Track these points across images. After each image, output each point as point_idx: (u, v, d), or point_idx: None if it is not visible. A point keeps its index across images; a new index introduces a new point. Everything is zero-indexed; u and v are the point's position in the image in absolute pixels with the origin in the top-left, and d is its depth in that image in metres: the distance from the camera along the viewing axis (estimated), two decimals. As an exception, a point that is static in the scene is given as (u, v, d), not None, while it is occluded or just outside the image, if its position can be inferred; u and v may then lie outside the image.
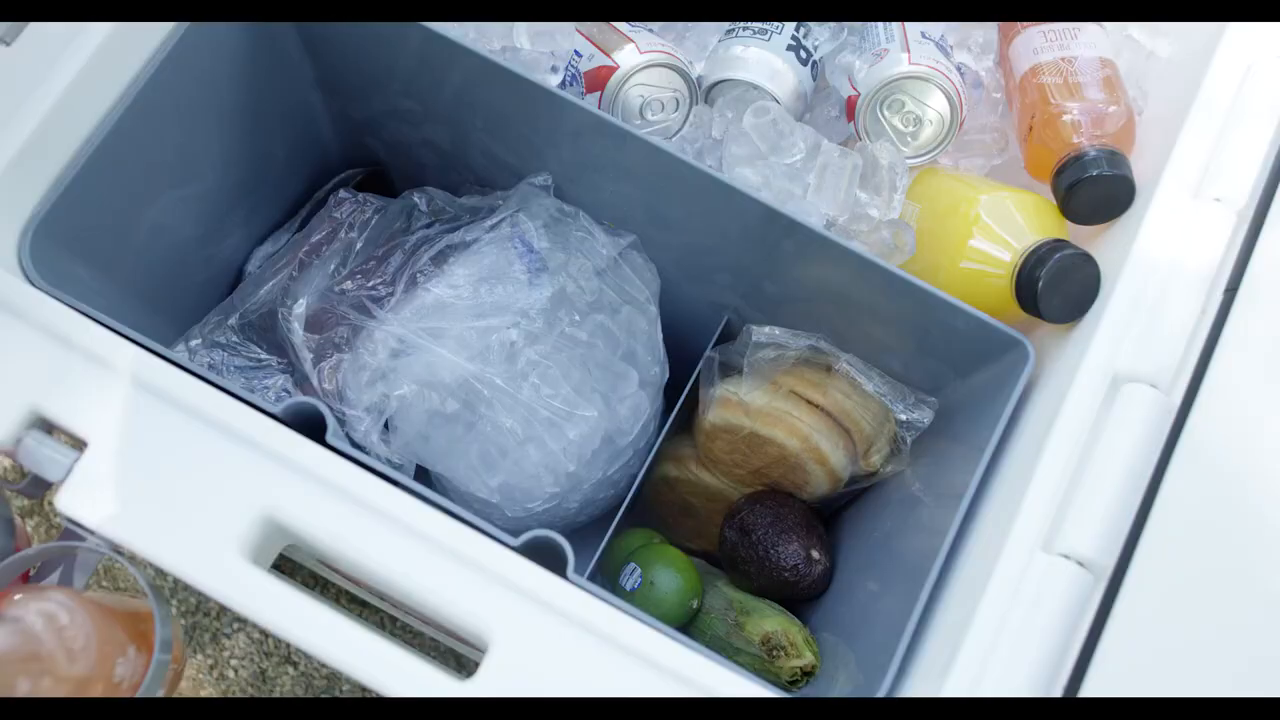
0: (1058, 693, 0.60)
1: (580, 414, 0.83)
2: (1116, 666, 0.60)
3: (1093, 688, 0.59)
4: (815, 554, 0.86)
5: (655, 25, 0.88)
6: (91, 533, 0.65)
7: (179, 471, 0.62)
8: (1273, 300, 0.68)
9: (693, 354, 0.91)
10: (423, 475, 0.87)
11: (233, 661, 1.21)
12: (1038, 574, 0.64)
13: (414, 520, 0.63)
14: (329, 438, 0.67)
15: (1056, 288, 0.73)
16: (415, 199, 0.89)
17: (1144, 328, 0.70)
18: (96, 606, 0.65)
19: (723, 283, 0.87)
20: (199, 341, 0.84)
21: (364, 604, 1.22)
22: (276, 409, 0.67)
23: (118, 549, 0.67)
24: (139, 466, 0.62)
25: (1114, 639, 0.60)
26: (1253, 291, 0.69)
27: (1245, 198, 0.73)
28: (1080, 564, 0.64)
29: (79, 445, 0.62)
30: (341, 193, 0.89)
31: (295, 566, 1.21)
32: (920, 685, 0.65)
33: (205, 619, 1.21)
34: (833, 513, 0.96)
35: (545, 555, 0.67)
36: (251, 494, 0.62)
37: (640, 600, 0.86)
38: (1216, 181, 0.74)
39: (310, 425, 0.67)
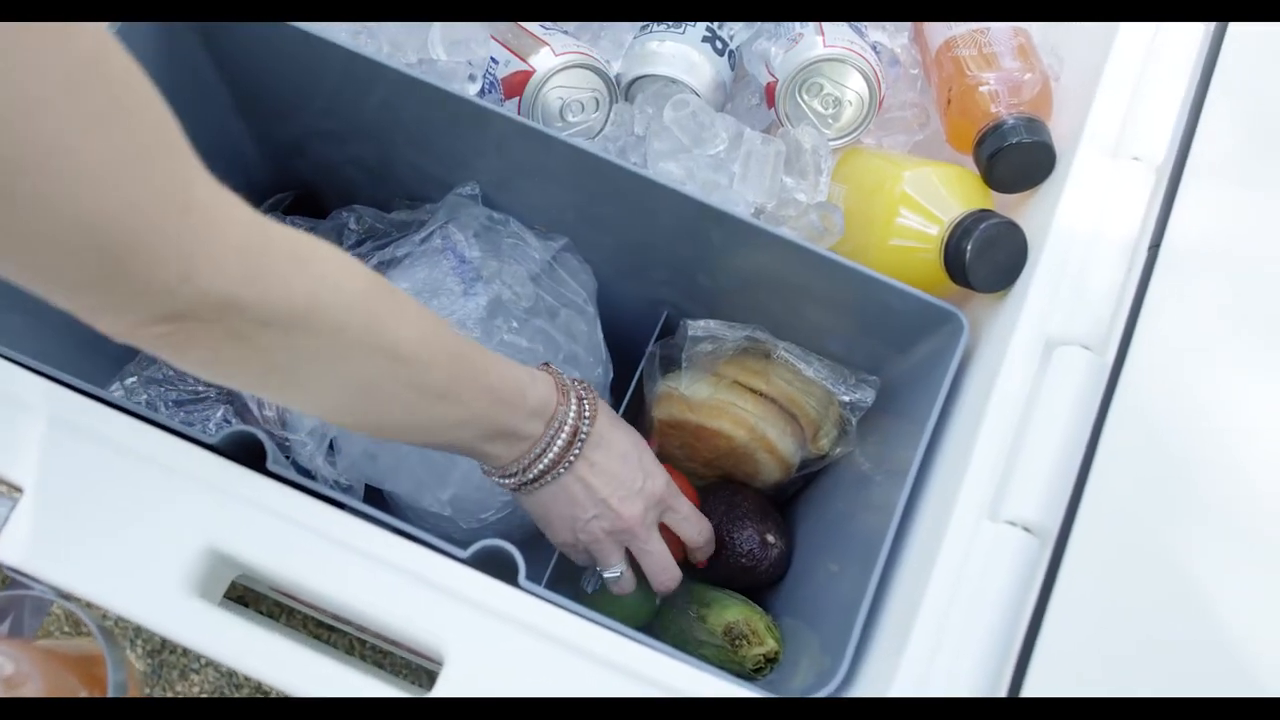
0: (1012, 662, 0.61)
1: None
2: (1066, 630, 0.60)
3: (1044, 654, 0.59)
4: (771, 538, 0.86)
5: (570, 26, 0.88)
6: (37, 580, 0.64)
7: (119, 511, 0.62)
8: (1194, 254, 0.69)
9: (635, 351, 0.91)
10: (374, 494, 0.87)
11: (202, 697, 1.19)
12: (985, 543, 0.64)
13: (360, 541, 0.63)
14: (270, 465, 0.67)
15: (984, 257, 0.74)
16: (345, 218, 0.88)
17: (1073, 290, 0.71)
18: (44, 654, 0.64)
19: (659, 278, 0.87)
20: (135, 379, 0.83)
21: (330, 628, 1.21)
22: (214, 440, 0.67)
23: (64, 594, 0.67)
24: (77, 509, 0.61)
25: (1062, 601, 0.61)
26: (1175, 247, 0.69)
27: (1162, 154, 0.74)
28: (1026, 529, 0.64)
29: (14, 492, 0.61)
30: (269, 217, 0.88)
31: (260, 596, 1.20)
32: (877, 664, 0.66)
33: (171, 655, 1.20)
34: (788, 498, 0.96)
35: (497, 565, 0.67)
36: (193, 527, 0.62)
37: (602, 602, 0.86)
38: (1134, 140, 0.75)
39: (250, 454, 0.67)
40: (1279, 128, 0.73)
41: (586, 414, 0.74)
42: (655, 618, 0.89)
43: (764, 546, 0.86)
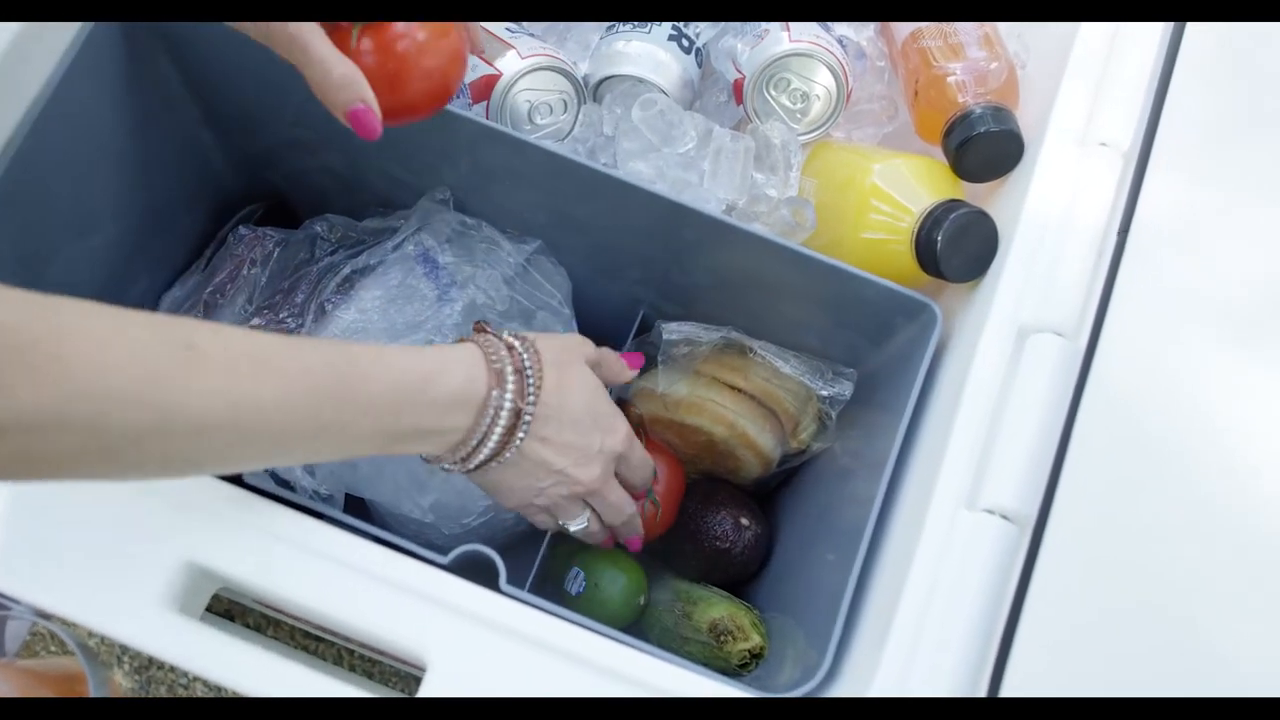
0: (994, 650, 0.61)
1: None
2: (1045, 617, 0.60)
3: (1024, 641, 0.60)
4: (745, 521, 0.88)
5: (537, 29, 0.88)
6: (14, 600, 0.64)
7: (96, 529, 0.62)
8: (1163, 238, 0.70)
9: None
10: (356, 502, 0.87)
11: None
12: (964, 532, 0.65)
13: (339, 550, 0.63)
14: (247, 477, 0.67)
15: (955, 247, 0.74)
16: (317, 227, 0.88)
17: (1044, 278, 0.71)
18: (22, 673, 0.64)
19: (633, 277, 0.87)
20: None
21: (318, 639, 1.21)
22: (190, 454, 0.66)
23: (43, 613, 0.66)
24: (54, 528, 0.61)
25: (1041, 588, 0.61)
26: (1144, 231, 0.70)
27: (1129, 140, 0.74)
28: (1004, 517, 0.65)
29: (-11, 513, 0.61)
30: (241, 229, 0.88)
31: (246, 608, 1.20)
32: (860, 657, 0.66)
33: (160, 671, 1.20)
34: (770, 492, 0.96)
35: (478, 570, 0.67)
36: (171, 542, 0.62)
37: (586, 603, 0.86)
38: (1101, 126, 0.75)
39: (228, 467, 0.67)
40: (1242, 110, 0.74)
41: (531, 388, 0.67)
42: (641, 617, 0.89)
43: (738, 529, 0.87)
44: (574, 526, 0.75)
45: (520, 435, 0.67)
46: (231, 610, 1.21)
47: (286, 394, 0.55)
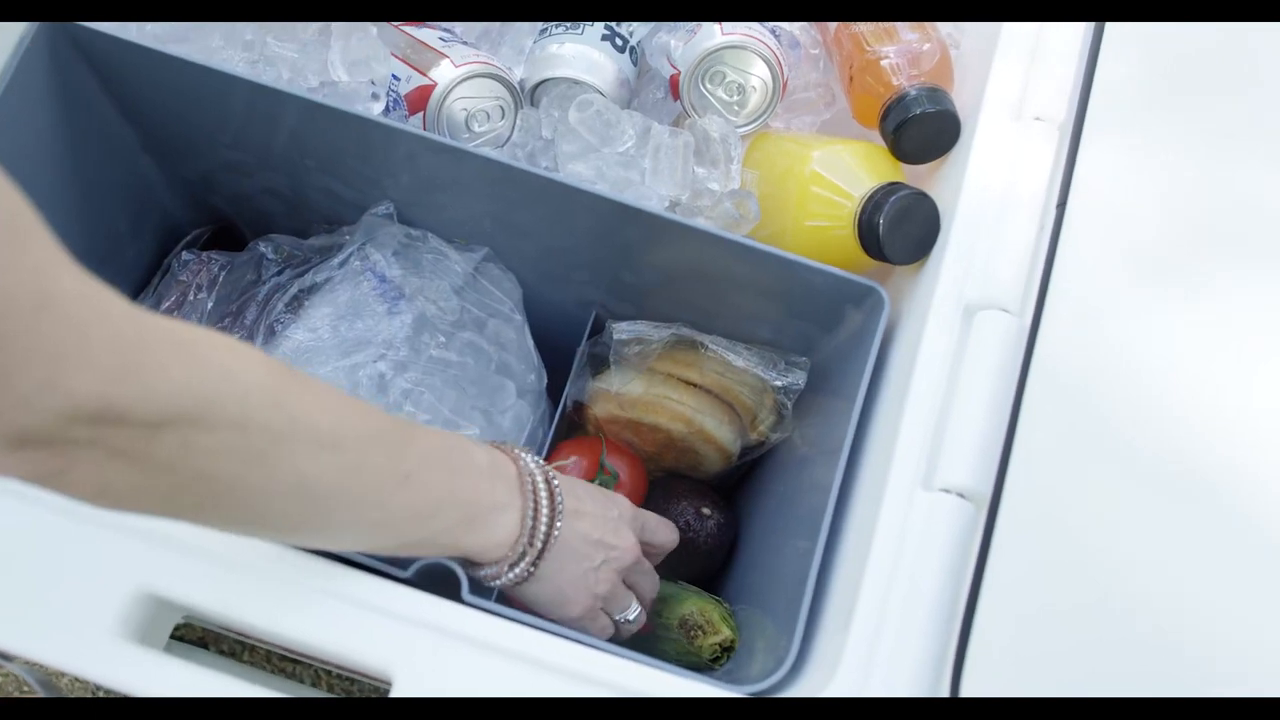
0: (957, 626, 0.61)
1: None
2: (1004, 592, 0.61)
3: (984, 617, 0.60)
4: (705, 510, 0.88)
5: (471, 36, 0.87)
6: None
7: (49, 565, 0.61)
8: (1100, 209, 0.70)
9: (569, 353, 0.91)
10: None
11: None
12: (921, 513, 0.65)
13: (297, 571, 0.62)
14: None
15: (898, 229, 0.74)
16: (262, 248, 0.88)
17: (987, 255, 0.72)
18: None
19: (583, 279, 0.87)
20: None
21: (295, 660, 1.20)
22: (144, 485, 0.66)
23: (4, 655, 0.66)
24: (6, 567, 0.61)
25: (999, 563, 0.61)
26: (1082, 203, 0.70)
27: (1064, 113, 0.75)
28: (960, 495, 0.65)
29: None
30: (185, 254, 0.88)
31: (220, 635, 1.20)
32: (826, 645, 0.66)
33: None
34: (733, 485, 0.96)
35: (440, 581, 0.66)
36: (126, 574, 0.61)
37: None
38: (1035, 101, 0.76)
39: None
40: (1171, 76, 0.74)
41: (536, 458, 0.67)
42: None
43: (699, 517, 0.88)
44: (631, 616, 0.74)
45: (559, 502, 0.66)
46: (206, 638, 1.21)
47: (377, 427, 0.57)
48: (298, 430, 0.51)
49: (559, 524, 0.66)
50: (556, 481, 0.67)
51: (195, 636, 1.20)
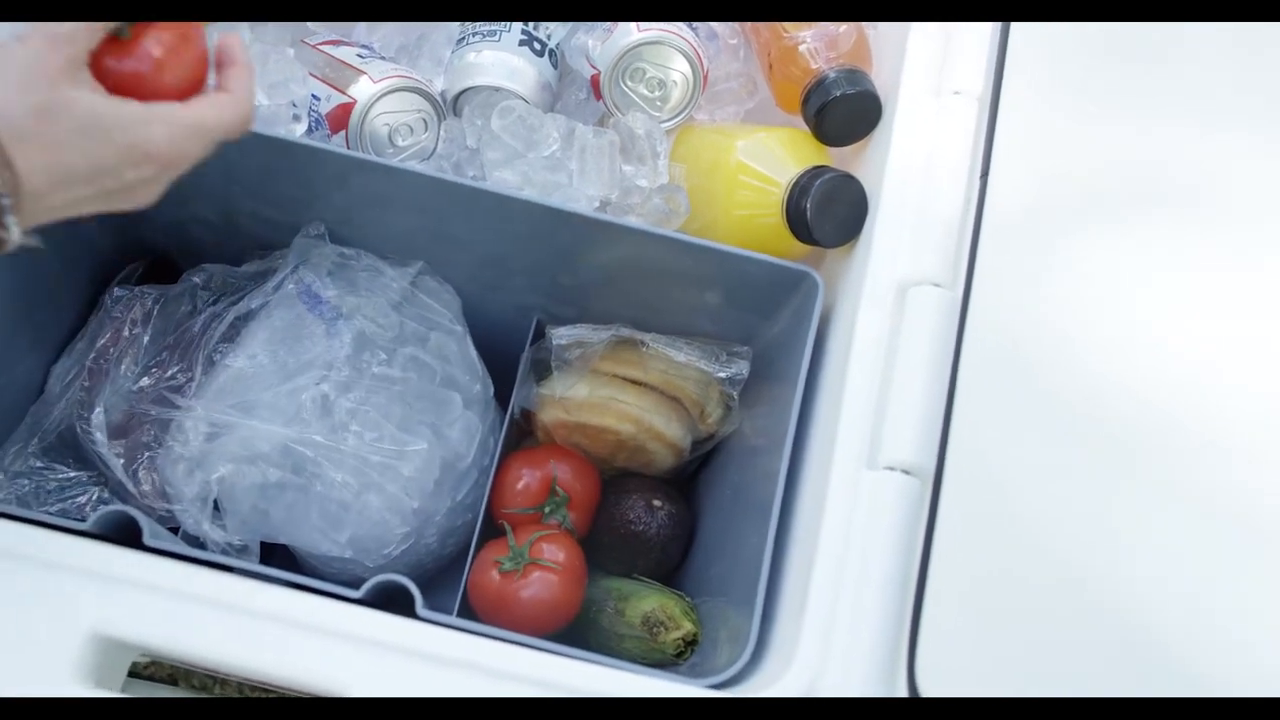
0: (910, 602, 0.62)
1: (411, 449, 0.82)
2: (952, 561, 0.61)
3: (935, 589, 0.61)
4: (656, 502, 0.88)
5: (388, 51, 0.87)
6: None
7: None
8: (1021, 175, 0.71)
9: (514, 359, 0.90)
10: (278, 548, 0.86)
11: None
12: (868, 491, 0.66)
13: (249, 601, 0.62)
14: (147, 540, 0.66)
15: (825, 213, 0.75)
16: (195, 279, 0.87)
17: (916, 231, 0.72)
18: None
19: (521, 285, 0.87)
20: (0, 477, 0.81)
21: (267, 690, 1.19)
22: (88, 525, 0.66)
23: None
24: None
25: (945, 535, 0.62)
26: (1003, 172, 0.71)
27: (981, 85, 0.75)
28: (905, 472, 0.66)
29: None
30: (116, 290, 0.87)
31: (190, 670, 1.19)
32: (783, 631, 0.66)
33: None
34: (688, 479, 0.97)
35: (394, 598, 0.66)
36: (77, 616, 0.61)
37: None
38: (952, 75, 0.77)
39: (129, 533, 0.66)
40: (1082, 43, 0.75)
41: None
42: (574, 622, 0.88)
43: (650, 510, 0.88)
44: None
45: None
46: (174, 674, 1.20)
47: None
48: None
49: None
50: None
51: (164, 674, 1.19)
